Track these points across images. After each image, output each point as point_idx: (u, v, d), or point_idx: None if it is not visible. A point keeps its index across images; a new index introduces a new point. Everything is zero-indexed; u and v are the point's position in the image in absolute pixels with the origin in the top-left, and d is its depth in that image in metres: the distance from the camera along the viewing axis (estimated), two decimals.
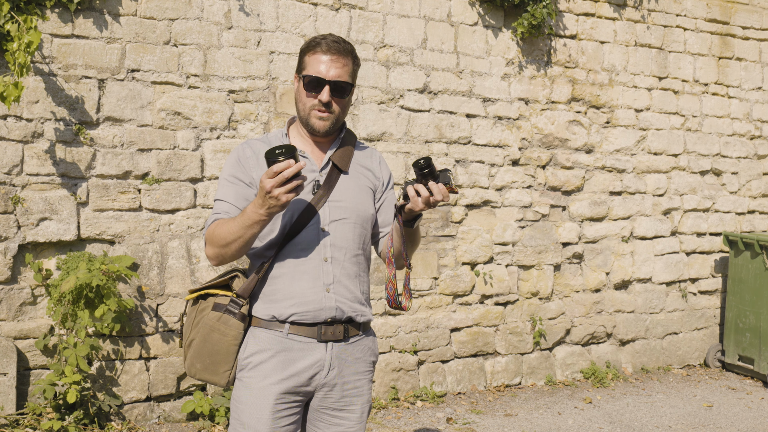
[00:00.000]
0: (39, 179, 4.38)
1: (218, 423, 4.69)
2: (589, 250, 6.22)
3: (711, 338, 6.87)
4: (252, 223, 2.23)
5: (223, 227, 2.31)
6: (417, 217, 2.39)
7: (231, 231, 2.28)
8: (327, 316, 2.38)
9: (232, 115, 4.88)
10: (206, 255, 2.40)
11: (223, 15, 4.83)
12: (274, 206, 2.17)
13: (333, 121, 2.41)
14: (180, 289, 4.75)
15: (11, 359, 4.23)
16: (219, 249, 2.33)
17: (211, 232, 2.35)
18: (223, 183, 2.44)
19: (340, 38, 2.42)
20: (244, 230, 2.25)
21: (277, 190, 2.12)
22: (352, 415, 2.46)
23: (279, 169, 2.11)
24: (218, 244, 2.32)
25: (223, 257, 2.35)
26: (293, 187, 2.14)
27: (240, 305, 2.38)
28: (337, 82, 2.37)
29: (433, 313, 5.57)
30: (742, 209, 6.96)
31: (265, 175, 2.14)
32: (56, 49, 4.39)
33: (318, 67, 2.37)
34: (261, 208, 2.19)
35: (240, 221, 2.25)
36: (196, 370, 2.42)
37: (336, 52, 2.37)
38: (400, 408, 5.25)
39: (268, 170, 2.13)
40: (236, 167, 2.43)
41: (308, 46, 2.41)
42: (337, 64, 2.37)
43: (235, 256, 2.35)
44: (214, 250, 2.35)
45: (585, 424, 5.18)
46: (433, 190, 2.24)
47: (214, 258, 2.38)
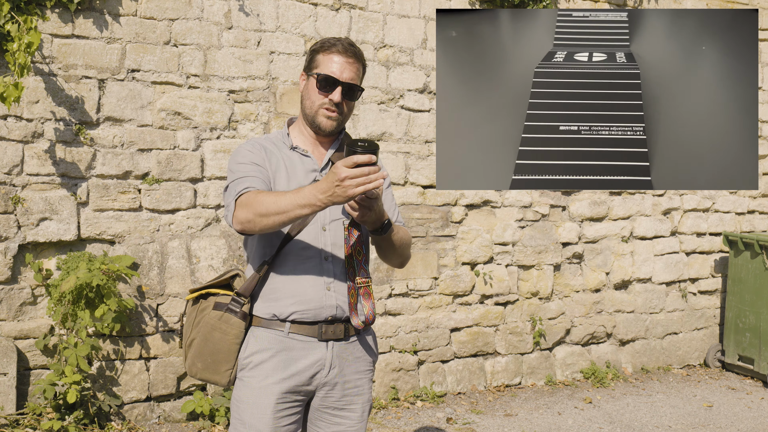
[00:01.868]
0: (39, 179, 4.38)
1: (218, 423, 4.69)
2: (589, 250, 6.22)
3: (711, 338, 6.88)
4: (306, 203, 2.13)
5: (270, 196, 2.21)
6: (384, 225, 2.34)
7: (278, 203, 2.18)
8: (327, 315, 2.38)
9: (232, 115, 4.88)
10: (235, 217, 2.28)
11: (223, 15, 4.83)
12: (338, 196, 2.08)
13: (340, 121, 2.43)
14: (180, 289, 4.75)
15: (11, 359, 4.23)
16: (256, 216, 2.22)
17: (252, 197, 2.25)
18: (240, 167, 2.37)
19: (353, 42, 2.46)
20: (293, 208, 2.15)
21: (350, 181, 2.04)
22: (353, 414, 2.47)
23: (359, 160, 2.04)
24: (258, 212, 2.21)
25: (254, 225, 2.24)
26: (366, 184, 2.04)
27: (241, 304, 2.39)
28: (350, 85, 2.39)
29: (433, 313, 5.57)
30: (742, 209, 6.97)
31: (342, 162, 2.05)
32: (56, 49, 4.40)
33: (332, 67, 2.38)
34: (323, 193, 2.09)
35: (293, 197, 2.16)
36: (197, 369, 2.42)
37: (351, 55, 2.41)
38: (400, 408, 5.25)
39: (347, 158, 2.05)
40: (250, 155, 2.39)
41: (322, 46, 2.43)
42: (352, 67, 2.40)
43: (265, 229, 2.24)
44: (249, 215, 2.23)
45: (585, 424, 5.18)
46: (355, 160, 2.06)
47: (244, 222, 2.25)
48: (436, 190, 5.53)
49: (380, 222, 2.32)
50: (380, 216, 2.30)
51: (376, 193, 2.17)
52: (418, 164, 5.48)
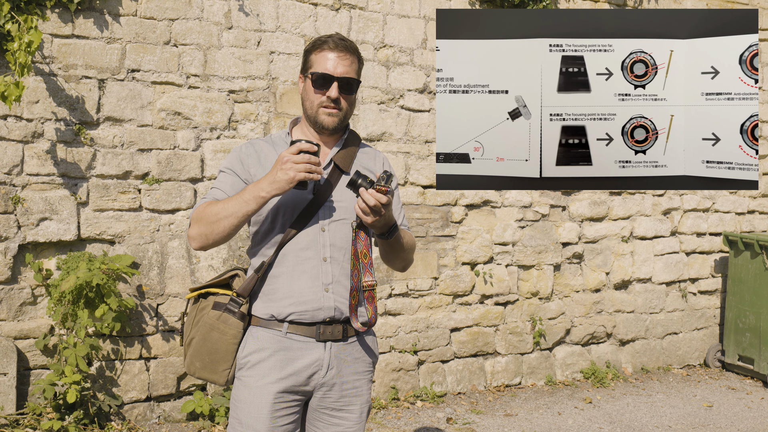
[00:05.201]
0: (39, 179, 4.38)
1: (218, 423, 4.69)
2: (589, 250, 6.22)
3: (711, 338, 6.88)
4: (250, 197, 2.25)
5: (216, 205, 2.31)
6: (391, 229, 2.38)
7: (225, 207, 2.28)
8: (325, 316, 2.38)
9: (232, 115, 4.88)
10: (188, 235, 2.37)
11: (223, 15, 4.83)
12: (281, 180, 2.21)
13: (341, 117, 2.43)
14: (180, 289, 4.75)
15: (11, 359, 4.23)
16: (206, 227, 2.31)
17: (200, 211, 2.34)
18: (219, 175, 2.47)
19: (344, 37, 2.45)
20: (240, 205, 2.26)
21: (291, 164, 2.19)
22: (351, 415, 2.47)
23: (302, 146, 2.21)
24: (207, 221, 2.30)
25: (207, 238, 2.32)
26: (308, 166, 2.20)
27: (240, 304, 2.39)
28: (345, 79, 2.39)
29: (433, 313, 5.58)
30: (742, 209, 6.97)
31: (286, 150, 2.23)
32: (56, 49, 4.40)
33: (325, 64, 2.39)
34: (265, 182, 2.23)
35: (238, 197, 2.28)
36: (195, 368, 2.42)
37: (343, 50, 2.40)
38: (400, 408, 5.26)
39: (290, 146, 2.22)
40: (235, 162, 2.46)
41: (314, 46, 2.43)
42: (344, 61, 2.40)
43: (219, 238, 2.32)
44: (200, 228, 2.32)
45: (585, 424, 5.18)
46: (364, 198, 2.24)
47: (197, 238, 2.34)
48: (436, 190, 5.53)
49: (388, 226, 2.35)
50: (389, 221, 2.34)
51: (388, 199, 2.24)
52: (418, 164, 5.49)
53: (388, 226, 2.35)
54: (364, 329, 2.41)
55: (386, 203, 2.25)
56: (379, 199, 2.23)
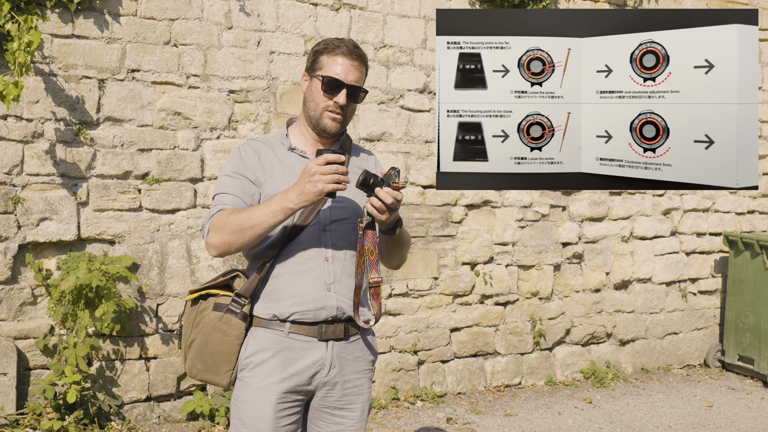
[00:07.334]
0: (39, 179, 4.38)
1: (218, 423, 4.69)
2: (589, 250, 6.22)
3: (711, 338, 6.88)
4: (278, 209, 2.22)
5: (241, 213, 2.27)
6: (396, 224, 2.39)
7: (251, 216, 2.24)
8: (328, 315, 2.38)
9: (232, 115, 4.88)
10: (208, 243, 2.33)
11: (223, 15, 4.83)
12: (309, 192, 2.18)
13: (343, 123, 2.44)
14: (180, 289, 4.75)
15: (11, 359, 4.23)
16: (229, 236, 2.27)
17: (222, 218, 2.29)
18: (225, 179, 2.42)
19: (357, 44, 2.46)
20: (267, 216, 2.23)
21: (320, 176, 2.16)
22: (353, 413, 2.47)
23: (329, 158, 2.18)
24: (230, 230, 2.26)
25: (231, 246, 2.29)
26: (336, 177, 2.17)
27: (242, 305, 2.38)
28: (354, 87, 2.40)
29: (433, 313, 5.58)
30: (742, 209, 6.97)
31: (313, 161, 2.19)
32: (56, 49, 4.39)
33: (337, 69, 2.38)
34: (294, 193, 2.20)
35: (264, 207, 2.24)
36: (197, 370, 2.41)
37: (356, 58, 2.41)
38: (400, 408, 5.26)
39: (317, 158, 2.19)
40: (239, 165, 2.42)
41: (326, 47, 2.42)
42: (356, 70, 2.41)
43: (242, 247, 2.30)
44: (223, 237, 2.28)
45: (585, 424, 5.18)
46: (380, 197, 2.25)
47: (219, 246, 2.31)
48: (436, 190, 5.53)
49: (394, 222, 2.37)
50: (396, 216, 2.36)
51: (402, 196, 2.28)
52: (418, 164, 5.49)
53: (395, 222, 2.38)
54: (368, 326, 2.42)
55: (401, 200, 2.28)
56: (395, 197, 2.24)
